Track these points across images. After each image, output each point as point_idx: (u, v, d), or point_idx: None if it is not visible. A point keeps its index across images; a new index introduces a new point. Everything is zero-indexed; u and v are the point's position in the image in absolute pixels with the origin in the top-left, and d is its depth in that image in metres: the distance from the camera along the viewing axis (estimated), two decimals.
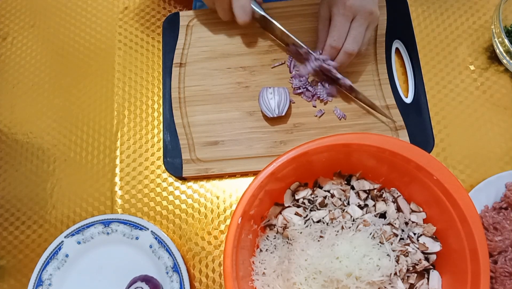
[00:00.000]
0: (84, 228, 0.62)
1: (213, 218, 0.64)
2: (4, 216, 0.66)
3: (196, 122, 0.67)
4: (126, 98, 0.71)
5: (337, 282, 0.49)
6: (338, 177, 0.58)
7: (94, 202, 0.66)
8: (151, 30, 0.74)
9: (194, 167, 0.64)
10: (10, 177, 0.68)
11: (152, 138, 0.68)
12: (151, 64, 0.72)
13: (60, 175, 0.68)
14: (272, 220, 0.57)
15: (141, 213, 0.65)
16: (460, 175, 0.63)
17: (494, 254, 0.56)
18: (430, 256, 0.53)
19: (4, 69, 0.74)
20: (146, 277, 0.58)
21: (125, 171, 0.67)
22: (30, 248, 0.64)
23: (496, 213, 0.58)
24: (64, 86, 0.72)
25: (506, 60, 0.65)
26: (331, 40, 0.62)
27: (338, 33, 0.62)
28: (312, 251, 0.50)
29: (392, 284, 0.50)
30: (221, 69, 0.69)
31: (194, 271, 0.62)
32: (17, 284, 0.63)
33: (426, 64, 0.69)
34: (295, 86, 0.67)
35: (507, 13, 0.67)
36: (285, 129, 0.66)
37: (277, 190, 0.56)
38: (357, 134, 0.54)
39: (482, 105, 0.67)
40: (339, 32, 0.62)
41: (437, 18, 0.71)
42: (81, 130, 0.70)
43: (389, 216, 0.55)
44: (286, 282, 0.51)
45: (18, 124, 0.71)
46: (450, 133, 0.65)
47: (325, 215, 0.55)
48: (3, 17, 0.77)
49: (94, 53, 0.74)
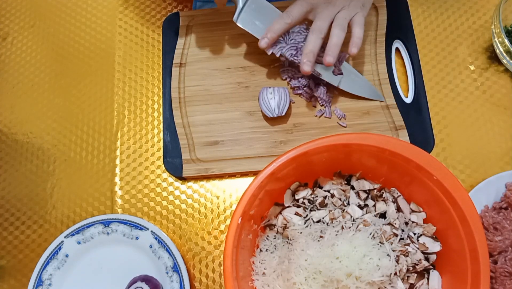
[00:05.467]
0: (84, 228, 0.62)
1: (213, 218, 0.64)
2: (4, 216, 0.66)
3: (196, 122, 0.67)
4: (126, 98, 0.71)
5: (337, 282, 0.49)
6: (338, 177, 0.58)
7: (94, 202, 0.66)
8: (151, 30, 0.74)
9: (194, 167, 0.64)
10: (10, 177, 0.68)
11: (152, 138, 0.68)
12: (151, 64, 0.72)
13: (60, 175, 0.68)
14: (272, 220, 0.57)
15: (141, 213, 0.65)
16: (460, 175, 0.63)
17: (494, 254, 0.56)
18: (430, 256, 0.53)
19: (4, 69, 0.74)
20: (146, 277, 0.58)
21: (125, 171, 0.67)
22: (30, 248, 0.64)
23: (496, 213, 0.58)
24: (64, 86, 0.72)
25: (506, 60, 0.65)
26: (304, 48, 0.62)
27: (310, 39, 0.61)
28: (312, 251, 0.50)
29: (392, 284, 0.50)
30: (221, 69, 0.69)
31: (194, 271, 0.62)
32: (17, 284, 0.63)
33: (426, 64, 0.69)
34: (294, 86, 0.67)
35: (507, 13, 0.67)
36: (285, 129, 0.66)
37: (277, 190, 0.56)
38: (357, 134, 0.54)
39: (482, 105, 0.67)
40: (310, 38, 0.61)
41: (437, 18, 0.71)
42: (81, 130, 0.70)
43: (389, 216, 0.55)
44: (286, 282, 0.51)
45: (18, 124, 0.71)
46: (450, 133, 0.65)
47: (325, 215, 0.55)
48: (3, 17, 0.77)
49: (94, 53, 0.74)
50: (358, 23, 0.62)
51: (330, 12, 0.62)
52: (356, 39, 0.61)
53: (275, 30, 0.62)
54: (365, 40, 0.69)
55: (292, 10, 0.62)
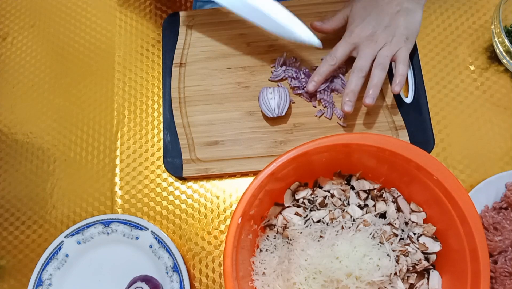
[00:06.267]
0: (84, 228, 0.62)
1: (213, 218, 0.64)
2: (4, 216, 0.66)
3: (196, 122, 0.67)
4: (126, 98, 0.71)
5: (337, 282, 0.49)
6: (338, 177, 0.58)
7: (94, 202, 0.66)
8: (151, 30, 0.74)
9: (194, 167, 0.64)
10: (10, 177, 0.68)
11: (152, 138, 0.68)
12: (151, 64, 0.72)
13: (60, 175, 0.68)
14: (272, 220, 0.57)
15: (141, 213, 0.65)
16: (460, 175, 0.63)
17: (494, 254, 0.56)
18: (430, 256, 0.53)
19: (4, 69, 0.74)
20: (146, 277, 0.58)
21: (125, 171, 0.67)
22: (30, 248, 0.64)
23: (496, 213, 0.58)
24: (64, 86, 0.72)
25: (506, 60, 0.65)
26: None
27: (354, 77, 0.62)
28: (312, 251, 0.50)
29: (392, 284, 0.50)
30: (221, 69, 0.69)
31: (194, 271, 0.62)
32: (17, 284, 0.63)
33: (426, 64, 0.69)
34: (294, 86, 0.67)
35: (507, 13, 0.67)
36: (285, 129, 0.66)
37: (277, 190, 0.56)
38: (357, 134, 0.54)
39: (482, 105, 0.67)
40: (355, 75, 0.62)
41: (437, 18, 0.71)
42: (81, 130, 0.70)
43: (389, 216, 0.55)
44: (286, 282, 0.51)
45: (18, 124, 0.71)
46: (450, 133, 0.65)
47: (325, 215, 0.55)
48: (3, 17, 0.77)
49: (94, 53, 0.74)
50: (402, 59, 0.61)
51: (372, 50, 0.62)
52: (400, 76, 0.61)
53: (321, 73, 0.64)
54: None
55: (336, 52, 0.63)
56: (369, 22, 0.62)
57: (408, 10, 0.62)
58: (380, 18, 0.62)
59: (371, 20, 0.62)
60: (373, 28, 0.62)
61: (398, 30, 0.61)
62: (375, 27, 0.62)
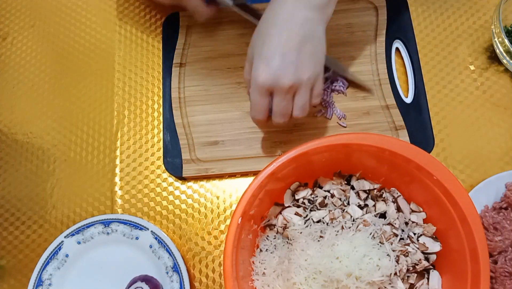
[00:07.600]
0: (84, 228, 0.62)
1: (213, 218, 0.64)
2: (4, 216, 0.66)
3: (196, 122, 0.67)
4: (126, 98, 0.71)
5: (337, 282, 0.49)
6: (338, 177, 0.58)
7: (94, 202, 0.66)
8: (151, 30, 0.74)
9: (194, 167, 0.64)
10: (10, 177, 0.68)
11: (152, 138, 0.68)
12: (151, 64, 0.72)
13: (60, 175, 0.68)
14: (272, 220, 0.57)
15: (141, 213, 0.65)
16: (460, 175, 0.63)
17: (494, 254, 0.56)
18: (430, 256, 0.53)
19: (4, 69, 0.74)
20: (146, 277, 0.58)
21: (125, 171, 0.67)
22: (30, 248, 0.64)
23: (496, 213, 0.58)
24: (64, 86, 0.72)
25: (506, 60, 0.65)
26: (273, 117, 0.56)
27: (276, 108, 0.54)
28: (312, 251, 0.50)
29: (392, 284, 0.50)
30: (221, 69, 0.69)
31: (194, 271, 0.62)
32: (17, 284, 0.63)
33: (426, 64, 0.69)
34: None
35: (507, 13, 0.67)
36: (285, 129, 0.66)
37: (277, 190, 0.56)
38: (357, 134, 0.54)
39: (482, 105, 0.67)
40: (276, 108, 0.54)
41: (437, 18, 0.71)
42: (81, 130, 0.70)
43: (389, 216, 0.55)
44: (286, 282, 0.51)
45: (18, 124, 0.71)
46: (450, 133, 0.65)
47: (325, 215, 0.55)
48: (3, 17, 0.77)
49: (94, 53, 0.74)
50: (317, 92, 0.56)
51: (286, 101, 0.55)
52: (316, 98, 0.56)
53: (257, 122, 0.59)
54: (365, 40, 0.69)
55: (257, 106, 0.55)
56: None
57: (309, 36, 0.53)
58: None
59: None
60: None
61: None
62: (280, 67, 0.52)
